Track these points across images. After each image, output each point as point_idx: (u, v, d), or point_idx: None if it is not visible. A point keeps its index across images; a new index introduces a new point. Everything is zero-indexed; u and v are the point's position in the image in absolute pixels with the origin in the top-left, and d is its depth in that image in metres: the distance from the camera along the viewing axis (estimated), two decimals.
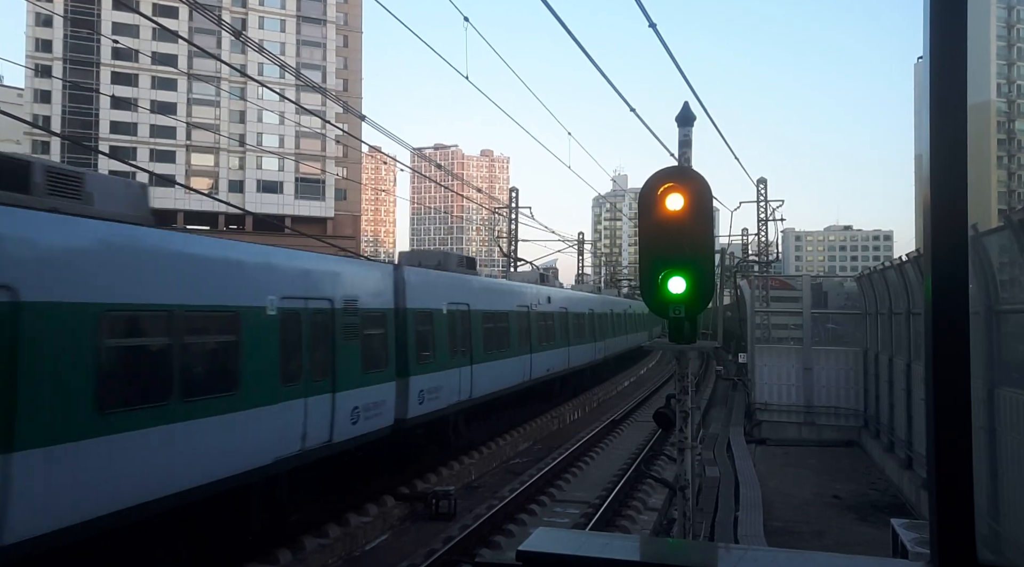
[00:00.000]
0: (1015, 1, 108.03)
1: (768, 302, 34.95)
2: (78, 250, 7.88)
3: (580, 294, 34.47)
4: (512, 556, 2.26)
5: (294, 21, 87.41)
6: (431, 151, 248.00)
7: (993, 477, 8.99)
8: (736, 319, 45.36)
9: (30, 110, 76.38)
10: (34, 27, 78.26)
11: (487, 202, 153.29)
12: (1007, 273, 9.56)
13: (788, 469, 19.76)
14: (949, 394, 1.73)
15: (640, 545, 3.19)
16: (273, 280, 10.95)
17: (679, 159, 8.28)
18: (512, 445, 20.77)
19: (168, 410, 8.76)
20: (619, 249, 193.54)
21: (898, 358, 17.89)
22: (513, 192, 48.12)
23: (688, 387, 8.54)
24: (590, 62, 11.13)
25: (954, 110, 1.74)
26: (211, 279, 9.69)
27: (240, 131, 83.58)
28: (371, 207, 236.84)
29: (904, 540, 9.55)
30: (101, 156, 74.15)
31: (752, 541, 12.71)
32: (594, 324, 33.17)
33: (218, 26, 62.87)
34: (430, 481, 15.78)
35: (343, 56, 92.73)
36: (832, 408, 23.81)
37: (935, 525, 1.74)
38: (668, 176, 5.77)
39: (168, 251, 9.15)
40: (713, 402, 33.16)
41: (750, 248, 53.55)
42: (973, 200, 1.74)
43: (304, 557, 11.13)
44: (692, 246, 5.61)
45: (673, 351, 7.70)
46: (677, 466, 8.50)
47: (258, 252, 11.04)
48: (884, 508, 15.74)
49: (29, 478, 7.05)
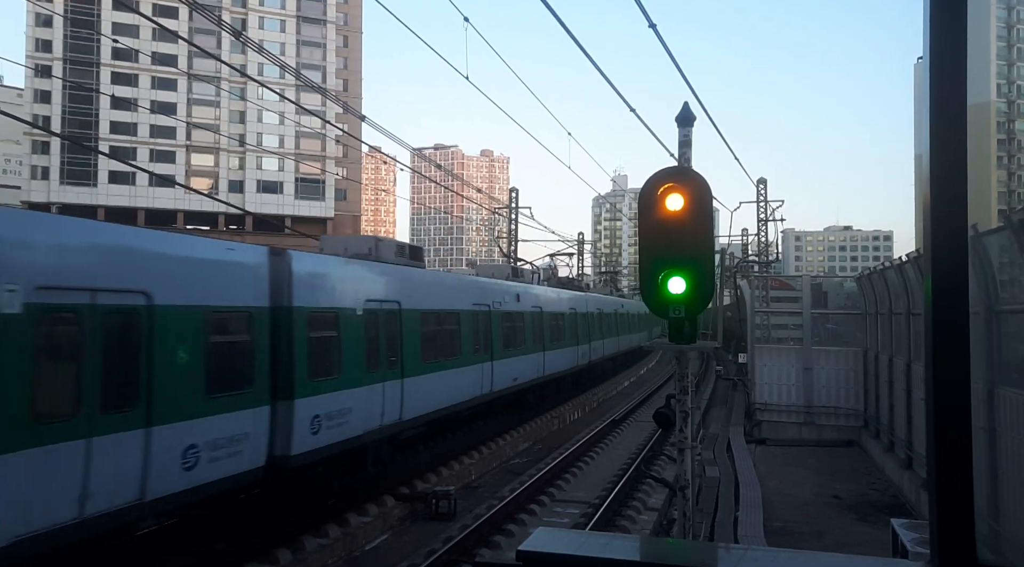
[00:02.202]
0: (1015, 1, 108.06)
1: (768, 302, 34.93)
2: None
3: (558, 292, 29.72)
4: (512, 556, 2.26)
5: (294, 21, 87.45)
6: (431, 151, 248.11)
7: (993, 477, 8.99)
8: (736, 319, 45.36)
9: (30, 110, 76.42)
10: (34, 27, 78.29)
11: (487, 202, 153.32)
12: (1007, 273, 9.55)
13: (788, 469, 19.76)
14: (949, 394, 1.73)
15: (640, 545, 3.19)
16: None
17: (679, 159, 8.28)
18: (512, 445, 20.76)
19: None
20: (619, 249, 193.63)
21: (898, 358, 17.90)
22: (513, 192, 48.13)
23: (688, 387, 8.55)
24: (590, 62, 11.14)
25: (954, 110, 1.74)
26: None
27: (240, 131, 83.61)
28: (371, 207, 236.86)
29: (904, 540, 9.55)
30: (101, 156, 74.20)
31: (752, 541, 12.71)
32: (576, 325, 30.09)
33: (218, 26, 62.85)
34: (430, 481, 15.79)
35: (343, 56, 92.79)
36: (832, 408, 23.81)
37: (935, 525, 1.74)
38: (668, 176, 5.78)
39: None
40: (713, 402, 33.16)
41: (750, 248, 53.58)
42: (973, 200, 1.74)
43: (304, 557, 11.13)
44: (692, 246, 5.61)
45: (673, 351, 7.70)
46: (677, 466, 8.50)
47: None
48: (884, 508, 15.74)
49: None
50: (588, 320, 32.41)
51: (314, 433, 11.58)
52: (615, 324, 39.71)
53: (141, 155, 79.83)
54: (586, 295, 35.92)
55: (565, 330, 28.20)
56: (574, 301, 30.86)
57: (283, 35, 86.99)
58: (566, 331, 28.43)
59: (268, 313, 10.89)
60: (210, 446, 9.53)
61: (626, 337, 42.88)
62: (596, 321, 34.22)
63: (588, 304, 33.36)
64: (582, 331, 30.98)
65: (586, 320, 32.00)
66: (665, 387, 34.58)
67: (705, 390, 35.37)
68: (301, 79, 43.89)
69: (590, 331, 32.49)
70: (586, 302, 33.19)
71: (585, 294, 36.51)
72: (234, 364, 10.25)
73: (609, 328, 37.70)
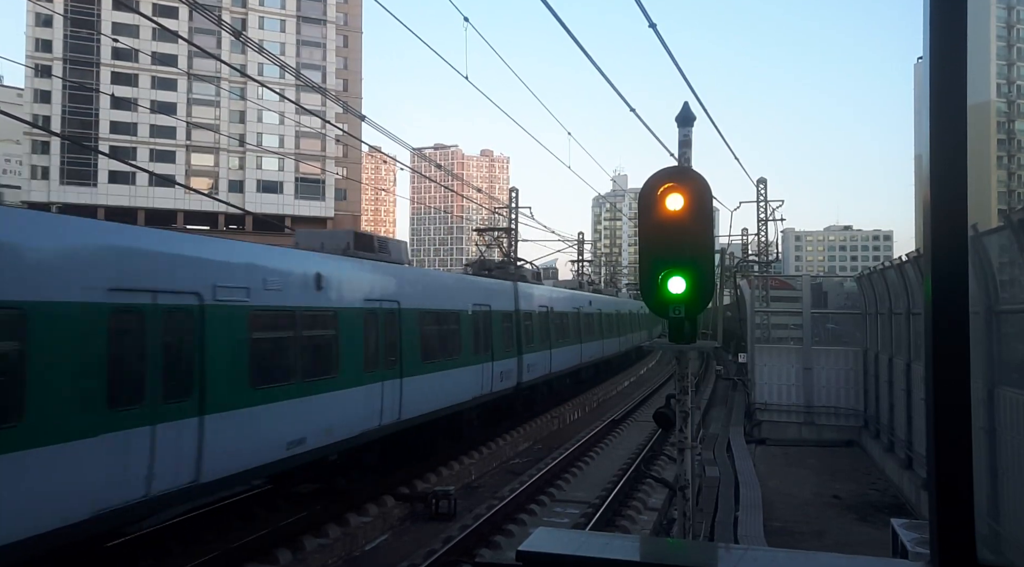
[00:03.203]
0: (1015, 1, 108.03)
1: (768, 302, 34.91)
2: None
3: (501, 285, 22.78)
4: (512, 556, 2.26)
5: (294, 21, 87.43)
6: (431, 151, 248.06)
7: (993, 477, 8.99)
8: (736, 319, 45.30)
9: (30, 110, 76.40)
10: (34, 27, 78.27)
11: (487, 202, 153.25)
12: (1007, 273, 9.55)
13: (788, 469, 19.75)
14: (949, 394, 1.73)
15: (640, 545, 3.19)
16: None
17: (679, 159, 8.28)
18: (512, 445, 20.76)
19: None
20: (619, 249, 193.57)
21: (898, 358, 17.89)
22: (513, 192, 48.11)
23: (688, 387, 8.54)
24: (590, 62, 11.13)
25: (954, 110, 1.74)
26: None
27: (240, 131, 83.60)
28: (371, 207, 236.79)
29: (904, 540, 9.54)
30: (101, 156, 74.18)
31: (752, 541, 12.70)
32: (548, 327, 25.74)
33: (218, 26, 62.83)
34: (430, 481, 15.78)
35: (343, 56, 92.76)
36: (832, 408, 23.80)
37: (935, 525, 1.74)
38: (668, 176, 5.78)
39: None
40: (713, 402, 33.15)
41: (750, 248, 53.55)
42: (973, 200, 1.74)
43: (304, 557, 11.13)
44: (692, 246, 5.61)
45: (673, 351, 7.70)
46: (677, 466, 8.50)
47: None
48: (884, 508, 15.74)
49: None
50: (563, 320, 28.00)
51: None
52: (600, 325, 35.05)
53: (141, 155, 79.82)
54: (568, 292, 31.92)
55: (514, 334, 22.66)
56: (553, 298, 27.48)
57: (283, 35, 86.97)
58: (536, 335, 24.42)
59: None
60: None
61: (611, 341, 38.11)
62: (572, 322, 29.48)
63: (567, 303, 29.37)
64: (556, 334, 26.62)
65: (560, 320, 27.52)
66: (665, 387, 34.57)
67: (705, 390, 35.36)
68: (301, 79, 43.89)
69: (563, 334, 27.93)
70: (565, 301, 29.30)
71: (565, 291, 31.97)
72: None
73: (592, 330, 33.16)
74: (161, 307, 8.91)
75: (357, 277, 13.83)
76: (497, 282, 22.69)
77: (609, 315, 38.22)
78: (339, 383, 12.61)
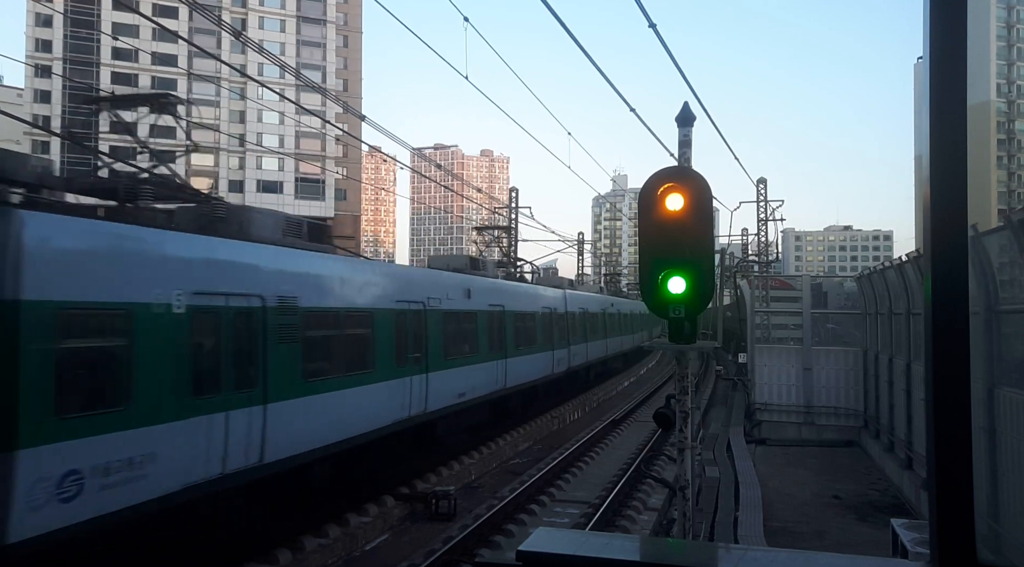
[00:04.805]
0: (1015, 1, 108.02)
1: (768, 302, 34.90)
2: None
3: (556, 291, 24.67)
4: (512, 556, 2.26)
5: (294, 21, 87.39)
6: (431, 151, 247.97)
7: (993, 477, 9.00)
8: (736, 319, 45.29)
9: (30, 110, 76.38)
10: (34, 27, 78.23)
11: (487, 202, 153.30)
12: (1007, 273, 9.56)
13: (788, 469, 19.75)
14: (949, 394, 1.73)
15: (640, 545, 3.19)
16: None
17: (679, 159, 8.28)
18: (512, 445, 20.76)
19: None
20: (619, 249, 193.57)
21: (898, 358, 17.89)
22: (513, 192, 48.11)
23: (688, 387, 8.53)
24: (590, 62, 11.13)
25: (954, 110, 1.74)
26: None
27: (240, 131, 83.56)
28: (371, 207, 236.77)
29: (904, 540, 9.55)
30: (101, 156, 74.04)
31: (752, 541, 12.71)
32: (584, 325, 27.84)
33: (218, 26, 62.84)
34: (430, 481, 15.78)
35: (343, 56, 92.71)
36: (832, 408, 23.80)
37: (935, 525, 1.74)
38: (668, 176, 5.78)
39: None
40: (713, 402, 33.15)
41: (750, 248, 53.55)
42: (973, 200, 1.74)
43: (304, 557, 11.14)
44: (692, 246, 5.61)
45: (673, 351, 7.70)
46: (677, 466, 8.49)
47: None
48: (884, 508, 15.74)
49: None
50: (526, 322, 24.03)
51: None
52: (583, 326, 31.40)
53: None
54: (532, 288, 27.34)
55: (488, 336, 20.43)
56: (516, 295, 23.79)
57: (283, 35, 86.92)
58: (507, 337, 22.03)
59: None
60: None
61: (598, 343, 34.87)
62: (544, 324, 25.62)
63: (532, 302, 25.42)
64: (521, 339, 23.27)
65: (521, 322, 23.65)
66: (665, 387, 34.59)
67: (705, 390, 35.36)
68: (301, 79, 43.92)
69: (526, 338, 24.08)
70: (529, 300, 25.28)
71: (531, 287, 27.68)
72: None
73: (566, 333, 28.51)
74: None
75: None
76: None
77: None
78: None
